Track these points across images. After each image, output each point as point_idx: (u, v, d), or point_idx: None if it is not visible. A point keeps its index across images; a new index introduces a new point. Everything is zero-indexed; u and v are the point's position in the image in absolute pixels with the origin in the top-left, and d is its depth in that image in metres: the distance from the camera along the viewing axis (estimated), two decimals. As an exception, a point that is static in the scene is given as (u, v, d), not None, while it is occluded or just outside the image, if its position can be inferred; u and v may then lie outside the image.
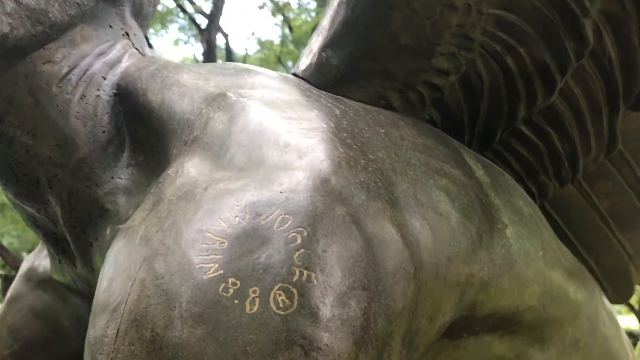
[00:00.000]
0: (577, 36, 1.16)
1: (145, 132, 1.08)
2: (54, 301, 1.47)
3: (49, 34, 1.09)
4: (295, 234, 0.77)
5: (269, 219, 0.79)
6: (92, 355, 0.78)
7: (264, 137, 0.92)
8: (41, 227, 1.24)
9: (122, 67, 1.17)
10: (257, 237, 0.77)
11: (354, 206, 0.83)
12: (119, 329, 0.76)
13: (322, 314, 0.74)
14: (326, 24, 1.19)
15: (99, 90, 1.13)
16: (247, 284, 0.74)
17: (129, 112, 1.12)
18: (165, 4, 10.96)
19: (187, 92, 1.06)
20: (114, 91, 1.14)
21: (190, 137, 0.98)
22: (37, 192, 1.14)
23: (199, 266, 0.76)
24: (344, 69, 1.15)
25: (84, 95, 1.11)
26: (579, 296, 1.26)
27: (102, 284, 0.85)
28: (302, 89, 1.11)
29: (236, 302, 0.73)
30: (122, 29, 1.22)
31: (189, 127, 1.00)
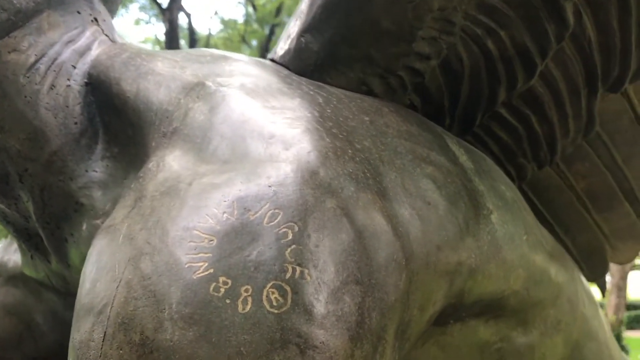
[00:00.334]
0: (557, 19, 1.15)
1: (120, 124, 1.04)
2: (27, 297, 1.43)
3: (14, 21, 1.04)
4: (286, 230, 0.75)
5: (258, 214, 0.76)
6: (78, 359, 0.76)
7: (247, 128, 0.89)
8: (12, 223, 1.19)
9: (92, 55, 1.12)
10: (246, 234, 0.75)
11: (343, 198, 0.82)
12: (105, 333, 0.73)
13: (317, 311, 0.72)
14: (304, 8, 1.16)
15: (69, 79, 1.08)
16: (239, 282, 0.72)
17: (102, 102, 1.07)
18: (125, -18, 10.69)
19: (163, 81, 1.03)
20: (85, 80, 1.09)
21: (169, 128, 0.95)
22: (6, 187, 1.09)
23: (187, 265, 0.73)
24: (324, 54, 1.12)
25: (53, 85, 1.07)
26: (560, 278, 1.27)
27: (84, 285, 0.81)
28: (282, 75, 1.08)
29: (228, 301, 0.71)
30: (91, 14, 1.17)
31: (167, 118, 0.97)
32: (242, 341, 0.70)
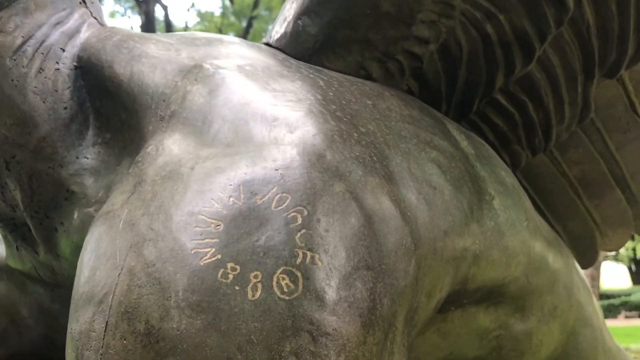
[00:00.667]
0: (557, 2, 1.14)
1: (113, 108, 1.01)
2: (11, 290, 1.38)
3: (0, 1, 0.99)
4: (295, 214, 0.73)
5: (265, 198, 0.74)
6: (78, 351, 0.72)
7: (249, 110, 0.87)
8: (-4, 212, 1.15)
9: (81, 37, 1.08)
10: (254, 218, 0.72)
11: (352, 182, 0.79)
12: (107, 322, 0.70)
13: (329, 297, 0.70)
14: None
15: (58, 63, 1.04)
16: (248, 268, 0.69)
17: (92, 86, 1.03)
18: (99, -27, 10.52)
19: (158, 63, 0.99)
20: (75, 64, 1.05)
21: (167, 112, 0.92)
22: None
23: (193, 251, 0.70)
24: (323, 38, 1.10)
25: (41, 68, 1.03)
26: (557, 264, 1.27)
27: (82, 273, 0.78)
28: (280, 59, 1.06)
29: (237, 288, 0.68)
30: None
31: (164, 101, 0.93)
32: (252, 329, 0.67)
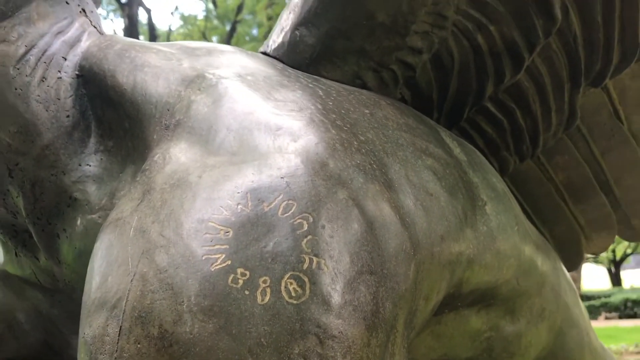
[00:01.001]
0: (546, 14, 1.18)
1: (115, 116, 1.03)
2: (8, 296, 1.38)
3: (3, 10, 1.01)
4: (301, 220, 0.75)
5: (272, 205, 0.76)
6: (92, 355, 0.74)
7: (253, 120, 0.89)
8: (-3, 219, 1.16)
9: (82, 46, 1.10)
10: (262, 225, 0.75)
11: (354, 189, 0.82)
12: (121, 327, 0.72)
13: (335, 301, 0.73)
14: (298, 1, 1.16)
15: (60, 71, 1.06)
16: (257, 273, 0.72)
17: (94, 95, 1.05)
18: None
19: (160, 73, 1.01)
20: (77, 73, 1.07)
21: (171, 121, 0.94)
22: None
23: (204, 257, 0.73)
24: (320, 48, 1.13)
25: (44, 77, 1.04)
26: (545, 267, 1.31)
27: (94, 279, 0.80)
28: (279, 68, 1.08)
29: (247, 293, 0.71)
30: (79, 5, 1.15)
31: (168, 110, 0.96)
32: (262, 332, 0.70)
